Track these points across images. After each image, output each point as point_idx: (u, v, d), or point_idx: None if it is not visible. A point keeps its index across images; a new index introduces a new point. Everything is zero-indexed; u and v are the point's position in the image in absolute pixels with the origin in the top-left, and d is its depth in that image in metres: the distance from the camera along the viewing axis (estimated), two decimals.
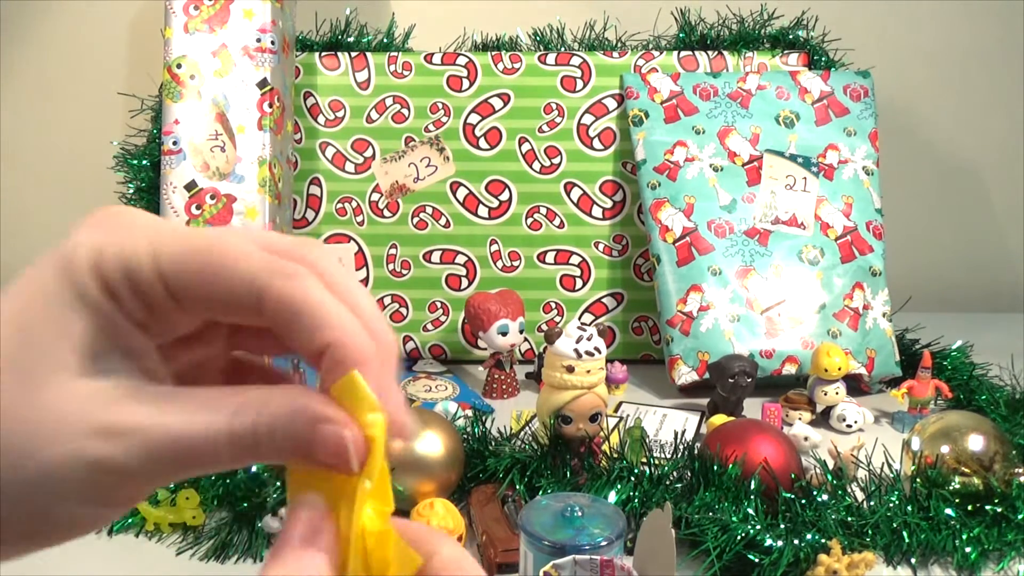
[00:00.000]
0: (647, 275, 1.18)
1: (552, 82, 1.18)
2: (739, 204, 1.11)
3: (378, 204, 1.18)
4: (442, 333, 1.18)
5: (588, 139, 1.18)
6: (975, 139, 1.48)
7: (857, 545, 0.68)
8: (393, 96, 1.17)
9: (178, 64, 1.04)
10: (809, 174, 1.12)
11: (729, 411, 0.94)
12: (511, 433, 0.85)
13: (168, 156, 1.03)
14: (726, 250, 1.09)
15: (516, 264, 1.18)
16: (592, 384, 0.78)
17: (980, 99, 1.47)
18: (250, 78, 1.04)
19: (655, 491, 0.74)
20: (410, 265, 1.18)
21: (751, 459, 0.73)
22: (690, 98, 1.15)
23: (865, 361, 1.06)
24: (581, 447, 0.80)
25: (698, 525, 0.69)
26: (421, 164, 1.17)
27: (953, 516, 0.70)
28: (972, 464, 0.73)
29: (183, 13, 1.04)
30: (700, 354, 1.05)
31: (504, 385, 1.06)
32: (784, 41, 1.21)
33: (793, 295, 1.08)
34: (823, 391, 0.97)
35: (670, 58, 1.19)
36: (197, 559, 0.71)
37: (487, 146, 1.18)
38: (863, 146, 1.14)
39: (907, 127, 1.46)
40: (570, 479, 0.77)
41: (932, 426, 0.77)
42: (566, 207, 1.18)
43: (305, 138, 1.18)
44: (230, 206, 1.03)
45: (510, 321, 1.03)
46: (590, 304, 1.19)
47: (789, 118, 1.14)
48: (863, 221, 1.12)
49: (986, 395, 0.96)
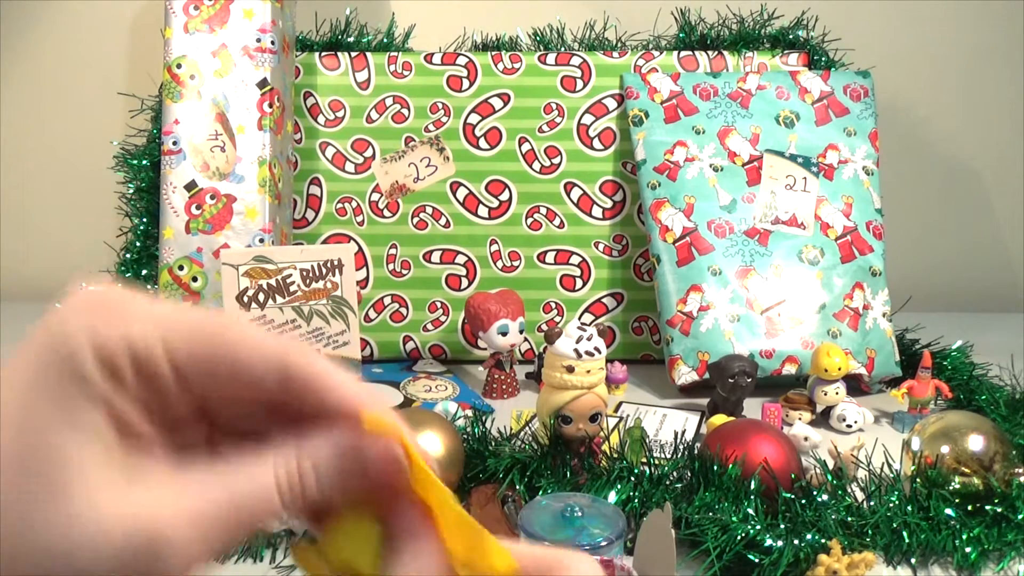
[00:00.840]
0: (647, 275, 1.18)
1: (552, 82, 1.18)
2: (739, 204, 1.11)
3: (378, 204, 1.18)
4: (442, 333, 1.18)
5: (588, 139, 1.18)
6: (975, 139, 1.48)
7: (857, 545, 0.68)
8: (393, 96, 1.17)
9: (178, 64, 1.04)
10: (809, 174, 1.12)
11: (729, 411, 0.94)
12: (511, 433, 0.85)
13: (168, 156, 1.03)
14: (726, 250, 1.09)
15: (516, 264, 1.18)
16: (592, 384, 0.78)
17: (981, 99, 1.47)
18: (250, 78, 1.04)
19: (655, 491, 0.74)
20: (410, 265, 1.18)
21: (751, 459, 0.73)
22: (690, 98, 1.15)
23: (865, 361, 1.06)
24: (581, 447, 0.80)
25: (698, 525, 0.69)
26: (421, 164, 1.17)
27: (953, 516, 0.70)
28: (972, 464, 0.73)
29: (183, 13, 1.04)
30: (700, 354, 1.05)
31: (504, 385, 1.06)
32: (784, 41, 1.21)
33: (793, 295, 1.08)
34: (823, 391, 0.97)
35: (670, 58, 1.19)
36: None
37: (487, 146, 1.18)
38: (863, 146, 1.14)
39: (907, 127, 1.46)
40: (570, 479, 0.77)
41: (932, 426, 0.77)
42: (566, 207, 1.18)
43: (305, 138, 1.18)
44: (230, 206, 1.03)
45: (510, 321, 1.03)
46: (590, 304, 1.19)
47: (789, 118, 1.14)
48: (863, 221, 1.12)
49: (986, 395, 0.96)
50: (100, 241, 1.21)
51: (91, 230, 1.30)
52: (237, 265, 0.92)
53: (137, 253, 1.11)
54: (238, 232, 1.02)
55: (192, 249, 1.02)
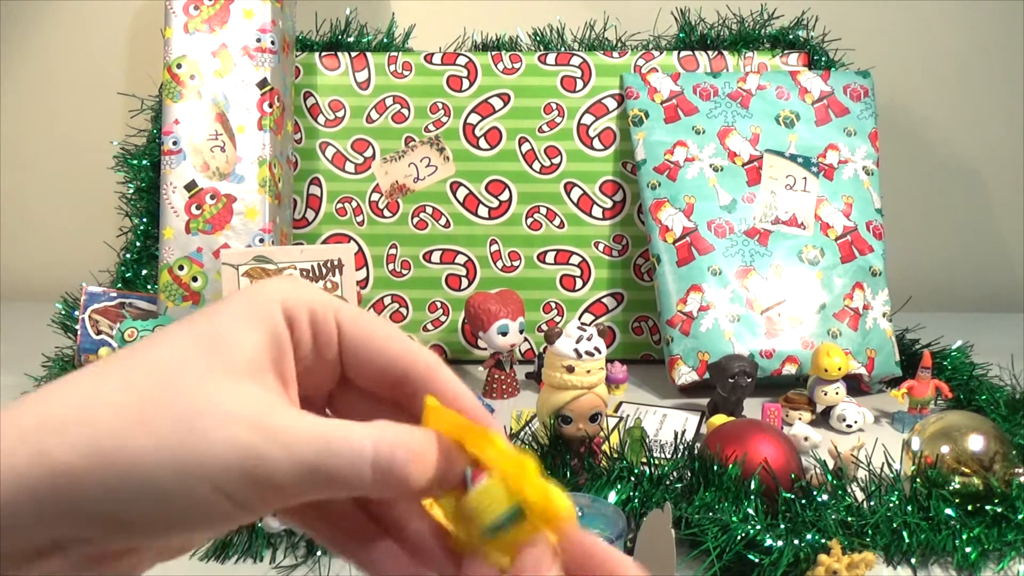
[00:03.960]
0: (647, 275, 1.18)
1: (552, 82, 1.18)
2: (739, 204, 1.11)
3: (378, 204, 1.18)
4: (442, 333, 1.18)
5: (588, 139, 1.18)
6: (975, 139, 1.48)
7: (857, 545, 0.68)
8: (393, 96, 1.17)
9: (178, 64, 1.04)
10: (809, 174, 1.12)
11: (729, 411, 0.94)
12: (511, 433, 0.85)
13: (168, 156, 1.03)
14: (726, 250, 1.09)
15: (516, 264, 1.18)
16: (592, 384, 0.78)
17: (980, 99, 1.47)
18: (250, 78, 1.04)
19: (655, 491, 0.74)
20: (410, 265, 1.18)
21: (751, 459, 0.73)
22: (690, 98, 1.15)
23: (865, 361, 1.06)
24: (581, 447, 0.80)
25: (698, 525, 0.69)
26: (421, 164, 1.17)
27: (953, 516, 0.70)
28: (972, 464, 0.73)
29: (183, 13, 1.04)
30: (700, 354, 1.05)
31: (504, 385, 1.06)
32: (784, 41, 1.21)
33: (793, 295, 1.08)
34: (823, 391, 0.97)
35: (670, 58, 1.19)
36: (197, 559, 0.70)
37: (487, 146, 1.18)
38: (863, 146, 1.14)
39: (907, 127, 1.46)
40: (570, 479, 0.77)
41: (932, 426, 0.77)
42: (566, 207, 1.18)
43: (305, 138, 1.18)
44: (230, 206, 1.03)
45: (510, 321, 1.03)
46: (590, 304, 1.19)
47: (789, 118, 1.14)
48: (863, 221, 1.12)
49: (986, 395, 0.96)
50: (100, 241, 1.21)
51: (91, 230, 1.31)
52: (237, 265, 0.92)
53: (137, 253, 1.11)
54: (238, 232, 1.02)
55: (192, 249, 1.02)
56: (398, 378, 0.29)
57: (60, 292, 1.13)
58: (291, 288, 0.28)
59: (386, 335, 0.29)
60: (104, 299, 1.05)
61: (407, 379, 0.29)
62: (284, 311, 0.27)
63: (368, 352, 0.29)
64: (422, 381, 0.29)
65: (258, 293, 0.28)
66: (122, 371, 0.25)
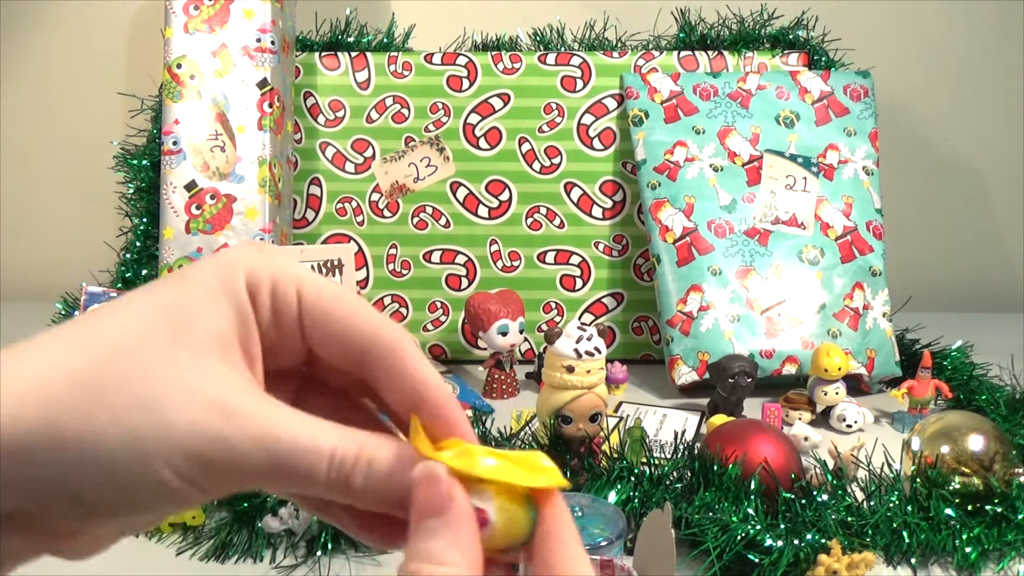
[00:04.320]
0: (647, 275, 1.18)
1: (552, 82, 1.18)
2: (739, 204, 1.11)
3: (378, 204, 1.18)
4: (442, 333, 1.18)
5: (588, 139, 1.18)
6: (975, 139, 1.48)
7: (857, 545, 0.68)
8: (393, 96, 1.17)
9: (178, 64, 1.04)
10: (809, 174, 1.12)
11: (729, 411, 0.94)
12: (511, 433, 0.85)
13: (168, 156, 1.03)
14: (726, 250, 1.09)
15: (516, 264, 1.18)
16: (592, 384, 0.78)
17: (980, 99, 1.47)
18: (250, 78, 1.04)
19: (655, 491, 0.74)
20: (410, 265, 1.18)
21: (751, 459, 0.73)
22: (690, 98, 1.15)
23: (865, 361, 1.06)
24: (581, 447, 0.80)
25: (698, 525, 0.69)
26: (421, 164, 1.17)
27: (953, 516, 0.70)
28: (972, 464, 0.73)
29: (183, 13, 1.04)
30: (700, 354, 1.05)
31: (504, 385, 1.06)
32: (784, 41, 1.21)
33: (793, 295, 1.08)
34: (823, 391, 0.97)
35: (670, 58, 1.19)
36: (197, 559, 0.71)
37: (487, 146, 1.18)
38: (863, 146, 1.14)
39: (907, 127, 1.46)
40: (570, 479, 0.77)
41: (932, 426, 0.77)
42: (566, 207, 1.18)
43: (305, 138, 1.18)
44: (230, 206, 1.03)
45: (510, 321, 1.03)
46: (590, 304, 1.19)
47: (789, 118, 1.14)
48: (863, 221, 1.12)
49: (986, 395, 0.96)
50: (100, 241, 1.21)
51: (91, 230, 1.30)
52: None
53: (137, 253, 1.11)
54: (238, 232, 1.02)
55: (192, 249, 1.02)
56: (362, 353, 0.27)
57: (60, 292, 1.13)
58: (256, 257, 0.27)
59: (348, 308, 0.27)
60: (104, 299, 1.05)
61: (371, 355, 0.27)
62: (248, 283, 0.27)
63: (330, 324, 0.27)
64: (387, 358, 0.27)
65: (223, 263, 0.27)
66: (86, 344, 0.25)
